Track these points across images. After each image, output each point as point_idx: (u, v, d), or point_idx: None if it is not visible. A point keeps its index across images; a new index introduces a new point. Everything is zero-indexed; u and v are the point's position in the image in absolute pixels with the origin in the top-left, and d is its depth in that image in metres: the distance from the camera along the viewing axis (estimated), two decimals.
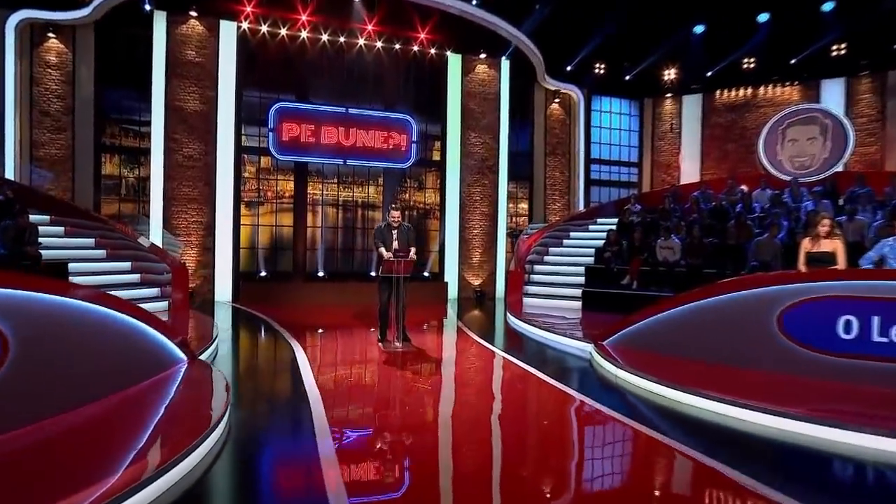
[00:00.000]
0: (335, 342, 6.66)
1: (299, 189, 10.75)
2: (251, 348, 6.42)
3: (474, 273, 11.69)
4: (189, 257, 9.94)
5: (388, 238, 5.65)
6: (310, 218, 10.79)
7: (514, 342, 6.86)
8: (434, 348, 6.16)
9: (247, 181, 10.59)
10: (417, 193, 11.60)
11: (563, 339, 6.36)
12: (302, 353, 5.62)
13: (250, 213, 10.54)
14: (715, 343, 4.78)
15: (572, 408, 4.10)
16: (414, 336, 6.49)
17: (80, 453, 2.80)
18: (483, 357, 5.79)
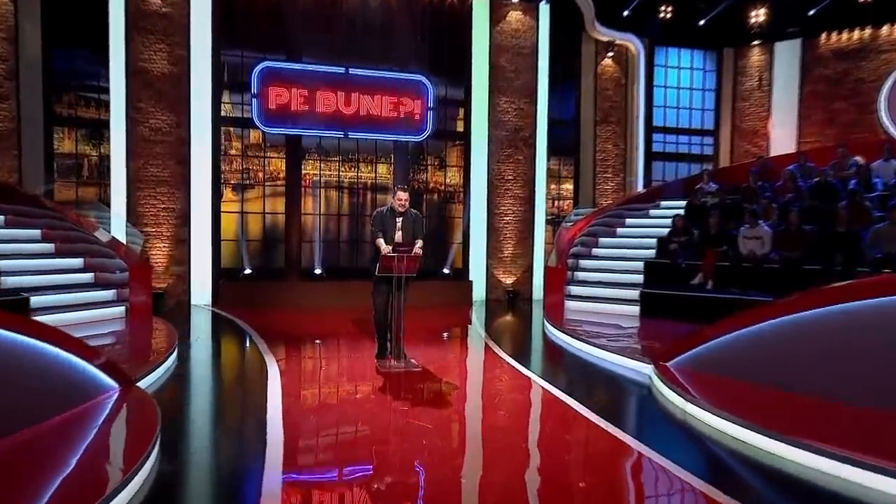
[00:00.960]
0: (322, 359, 6.33)
1: (292, 168, 10.45)
2: (214, 368, 6.09)
3: (505, 270, 11.32)
4: (159, 252, 9.76)
5: (390, 226, 5.29)
6: (305, 204, 10.54)
7: (552, 360, 6.44)
8: (445, 369, 5.68)
9: (229, 159, 10.37)
10: (437, 173, 11.25)
11: (614, 356, 5.83)
12: (276, 374, 5.24)
13: (234, 197, 10.33)
14: (837, 372, 4.02)
15: (627, 464, 3.47)
16: (423, 350, 6.12)
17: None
18: (509, 382, 5.28)
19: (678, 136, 12.95)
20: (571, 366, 6.01)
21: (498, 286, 11.28)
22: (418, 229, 5.35)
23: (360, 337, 6.80)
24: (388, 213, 5.30)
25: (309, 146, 10.63)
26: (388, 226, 5.25)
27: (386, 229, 5.24)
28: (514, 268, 11.38)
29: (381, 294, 5.37)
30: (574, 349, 6.52)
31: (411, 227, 5.33)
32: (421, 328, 7.57)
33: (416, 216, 5.40)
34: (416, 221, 5.35)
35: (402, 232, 5.27)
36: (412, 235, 5.32)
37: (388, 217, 5.28)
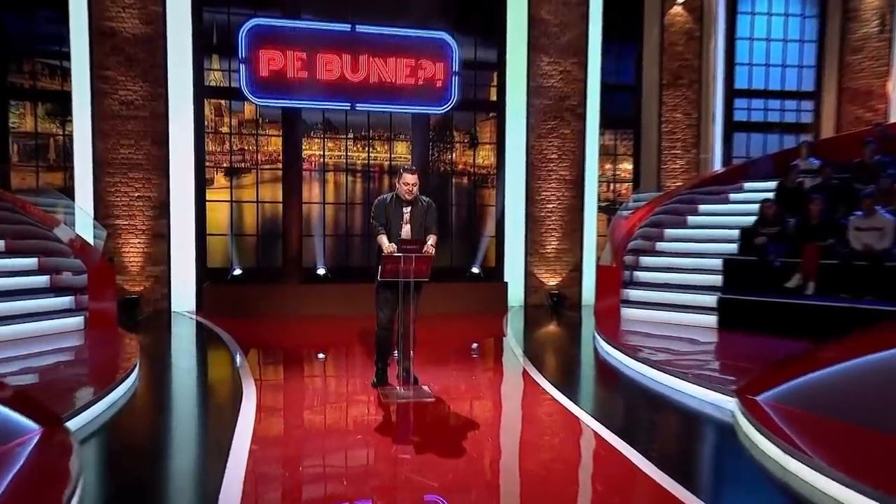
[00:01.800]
0: (313, 383, 5.99)
1: (290, 149, 10.20)
2: (177, 396, 5.67)
3: (548, 268, 10.97)
4: (133, 250, 9.61)
5: (395, 218, 5.00)
6: (307, 191, 10.34)
7: (605, 389, 6.01)
8: (466, 401, 5.21)
9: (218, 139, 10.17)
10: (466, 152, 10.96)
11: (685, 384, 5.31)
12: (252, 404, 4.87)
13: (223, 184, 10.16)
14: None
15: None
16: (440, 373, 5.79)
17: None
18: (550, 422, 4.76)
19: (767, 100, 12.46)
20: (629, 397, 5.56)
21: (539, 289, 10.93)
22: (431, 222, 5.07)
23: (366, 353, 6.47)
24: (392, 201, 5.02)
25: (311, 122, 10.39)
26: (393, 218, 4.99)
27: (390, 223, 4.98)
28: (558, 266, 11.02)
29: (385, 304, 5.06)
30: (632, 373, 6.05)
31: (422, 219, 5.04)
32: (439, 343, 7.29)
33: (427, 205, 5.10)
34: (427, 212, 5.08)
35: (411, 226, 5.00)
36: (423, 230, 5.03)
37: (393, 207, 5.01)
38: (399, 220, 4.99)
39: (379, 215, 5.01)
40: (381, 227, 4.95)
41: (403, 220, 5.00)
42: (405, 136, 10.73)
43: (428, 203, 5.10)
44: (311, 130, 10.45)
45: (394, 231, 4.97)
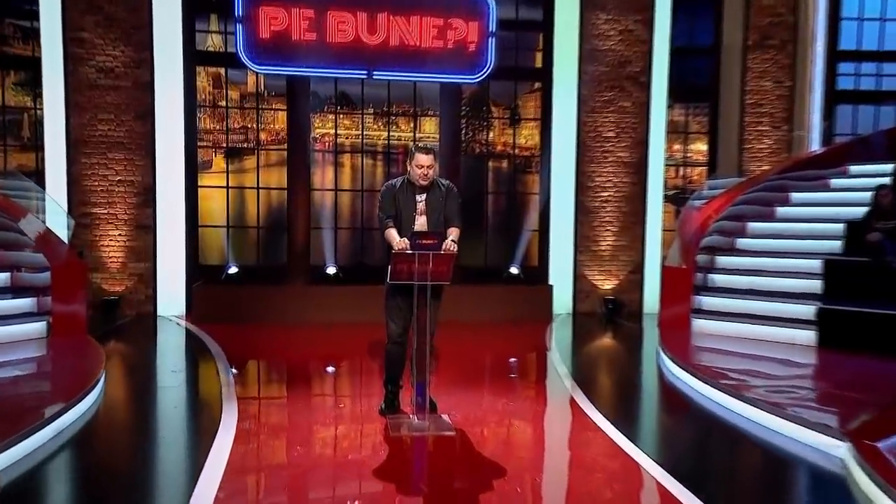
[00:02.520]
0: (308, 408, 5.65)
1: (296, 126, 10.07)
2: (139, 426, 5.34)
3: (602, 270, 10.74)
4: (112, 243, 9.52)
5: (407, 208, 4.87)
6: (319, 176, 10.35)
7: (672, 423, 5.68)
8: (495, 438, 4.92)
9: (214, 114, 10.06)
10: (505, 130, 10.83)
11: (776, 420, 4.88)
12: (230, 435, 4.58)
13: (222, 168, 10.11)
14: None
15: None
16: (464, 399, 5.53)
17: None
18: (603, 469, 4.39)
19: (881, 63, 11.94)
20: (703, 436, 5.12)
21: (591, 294, 10.68)
22: (452, 211, 4.89)
23: (378, 370, 6.16)
24: (403, 187, 4.90)
25: (323, 95, 10.31)
26: (404, 208, 4.85)
27: (400, 213, 4.84)
28: (615, 267, 10.74)
29: (396, 313, 4.88)
30: (707, 402, 5.61)
31: (440, 207, 4.87)
32: (465, 360, 7.19)
33: (447, 191, 4.93)
34: (447, 199, 4.90)
35: (427, 217, 4.85)
36: (441, 222, 4.85)
37: (404, 194, 4.88)
38: (412, 209, 4.84)
39: (386, 205, 4.86)
40: (390, 218, 4.80)
41: (417, 210, 4.85)
42: (433, 112, 10.58)
43: (447, 188, 4.92)
44: (324, 105, 10.35)
45: (405, 223, 4.81)
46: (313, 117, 10.23)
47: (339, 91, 10.29)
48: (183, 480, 3.87)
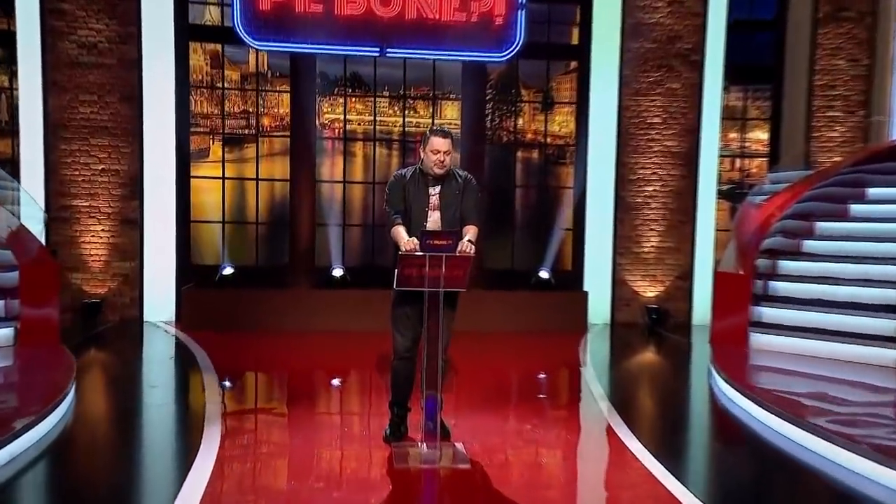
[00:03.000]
0: (301, 432, 5.55)
1: (300, 110, 9.91)
2: (104, 450, 5.18)
3: (646, 274, 10.48)
4: (94, 240, 9.38)
5: (418, 201, 4.81)
6: (327, 167, 10.26)
7: (726, 458, 5.41)
8: (517, 470, 4.81)
9: (212, 97, 9.92)
10: (537, 116, 10.61)
11: (853, 457, 4.66)
12: (209, 464, 4.45)
13: (214, 157, 9.99)
14: None
15: None
16: (483, 425, 5.42)
17: None
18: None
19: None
20: (765, 474, 4.95)
21: (632, 302, 10.41)
22: (470, 207, 4.82)
23: (382, 389, 6.19)
24: (414, 178, 4.83)
25: (332, 76, 10.15)
26: (415, 201, 4.79)
27: (410, 208, 4.78)
28: (660, 271, 10.46)
29: (404, 324, 4.77)
30: (768, 433, 5.48)
31: (455, 202, 4.79)
32: (485, 377, 7.14)
33: (464, 183, 4.86)
34: (465, 193, 4.83)
35: (440, 213, 4.77)
36: (457, 219, 4.77)
37: (415, 186, 4.81)
38: (423, 203, 4.73)
39: (394, 198, 4.77)
40: (398, 214, 4.70)
41: (430, 205, 4.74)
42: (455, 95, 10.38)
43: (465, 180, 4.83)
44: (333, 88, 10.17)
45: (416, 220, 4.71)
46: (321, 101, 10.06)
47: (349, 72, 10.10)
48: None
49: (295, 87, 9.87)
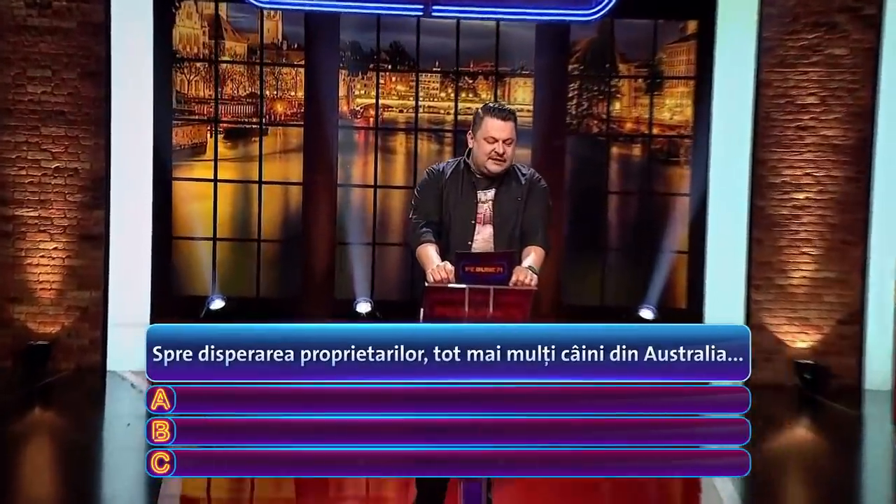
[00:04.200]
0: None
1: (317, 93, 8.63)
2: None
3: (796, 317, 9.07)
4: (44, 262, 8.26)
5: (461, 210, 4.07)
6: (359, 167, 9.06)
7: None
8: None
9: (208, 75, 8.73)
10: (639, 99, 9.39)
11: None
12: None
13: (222, 153, 8.75)
14: None
15: None
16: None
17: None
18: None
19: None
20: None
21: (775, 355, 8.89)
22: (535, 220, 4.07)
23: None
24: (457, 176, 4.13)
25: (364, 47, 8.78)
26: (456, 209, 4.08)
27: (450, 218, 4.08)
28: (816, 313, 8.93)
29: None
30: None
31: (516, 213, 4.06)
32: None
33: (530, 185, 4.13)
34: (529, 200, 4.10)
35: (495, 227, 4.06)
36: (517, 237, 4.05)
37: (458, 187, 4.11)
38: (469, 214, 4.06)
39: (426, 204, 4.12)
40: (428, 228, 4.05)
41: (478, 216, 4.06)
42: (527, 71, 8.96)
43: (531, 180, 4.13)
44: (366, 63, 8.68)
45: (457, 237, 4.05)
46: (348, 80, 8.72)
47: (385, 41, 8.69)
48: None
49: (311, 63, 8.46)
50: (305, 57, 8.38)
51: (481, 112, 4.01)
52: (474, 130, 3.99)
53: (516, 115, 4.05)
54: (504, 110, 4.02)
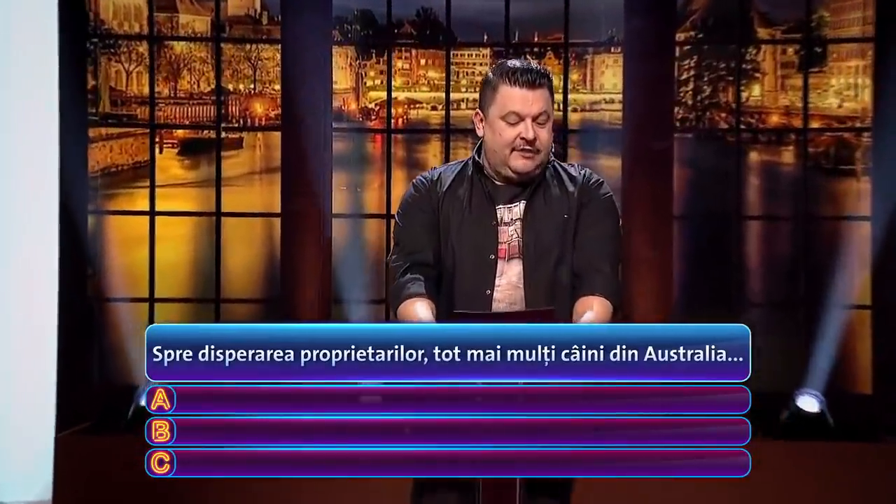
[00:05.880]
0: None
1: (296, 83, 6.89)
2: None
3: None
4: None
5: (471, 240, 3.05)
6: (353, 189, 7.32)
7: None
8: None
9: (134, 58, 6.95)
10: (789, 79, 7.50)
11: None
12: None
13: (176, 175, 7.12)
14: None
15: None
16: None
17: None
18: None
19: None
20: None
21: None
22: (593, 252, 2.96)
23: None
24: (461, 185, 3.06)
25: (366, 13, 6.97)
26: (465, 239, 3.01)
27: (454, 255, 3.02)
28: None
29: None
30: None
31: (560, 242, 2.95)
32: None
33: (582, 192, 2.95)
34: (585, 216, 2.93)
35: (527, 262, 2.99)
36: (563, 281, 3.02)
37: (463, 203, 3.04)
38: (485, 243, 2.93)
39: (412, 237, 2.97)
40: (418, 276, 2.92)
41: (500, 248, 2.92)
42: (613, 47, 6.85)
43: (586, 186, 2.92)
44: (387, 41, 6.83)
45: (465, 284, 2.93)
46: (359, 65, 6.77)
47: (407, 8, 6.57)
48: None
49: (290, 37, 6.29)
50: (282, 28, 6.11)
51: (493, 76, 2.85)
52: (484, 107, 2.84)
53: (551, 77, 2.88)
54: (530, 70, 2.83)
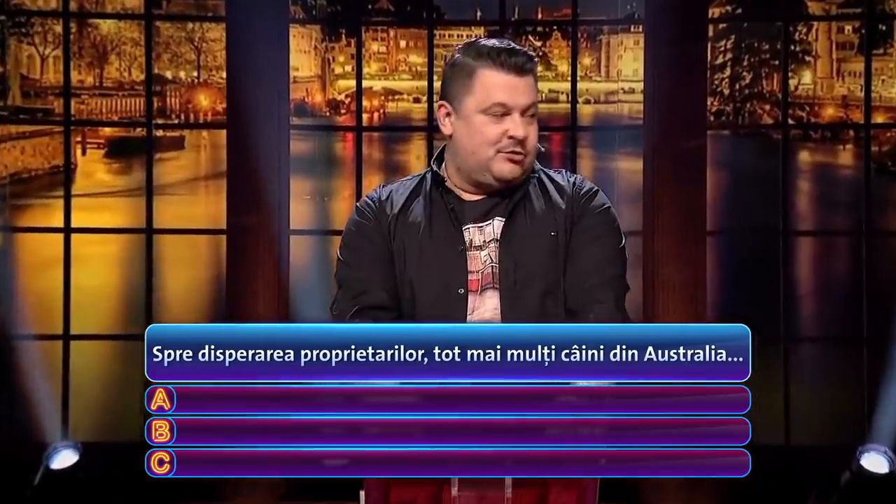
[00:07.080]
0: None
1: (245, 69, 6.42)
2: None
3: None
4: None
5: (435, 272, 2.49)
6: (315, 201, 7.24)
7: None
8: None
9: (50, 39, 6.65)
10: (847, 63, 7.13)
11: None
12: None
13: (101, 182, 6.92)
14: None
15: None
16: None
17: None
18: None
19: None
20: None
21: None
22: (590, 279, 2.52)
23: None
24: (419, 204, 2.55)
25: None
26: (426, 271, 2.51)
27: (412, 293, 2.50)
28: None
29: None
30: None
31: (548, 266, 2.46)
32: None
33: (574, 206, 2.49)
34: (576, 236, 2.48)
35: (503, 293, 2.55)
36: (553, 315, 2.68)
37: (426, 225, 2.52)
38: (452, 273, 2.55)
39: (359, 275, 2.49)
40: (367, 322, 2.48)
41: (471, 278, 2.52)
42: (632, 26, 6.29)
43: (576, 194, 2.49)
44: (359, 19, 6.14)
45: (427, 320, 2.77)
46: (325, 48, 6.18)
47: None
48: None
49: (236, 16, 5.32)
50: (227, 2, 5.05)
51: (466, 57, 2.20)
52: (454, 98, 2.19)
53: (536, 60, 2.33)
54: (517, 51, 2.23)
